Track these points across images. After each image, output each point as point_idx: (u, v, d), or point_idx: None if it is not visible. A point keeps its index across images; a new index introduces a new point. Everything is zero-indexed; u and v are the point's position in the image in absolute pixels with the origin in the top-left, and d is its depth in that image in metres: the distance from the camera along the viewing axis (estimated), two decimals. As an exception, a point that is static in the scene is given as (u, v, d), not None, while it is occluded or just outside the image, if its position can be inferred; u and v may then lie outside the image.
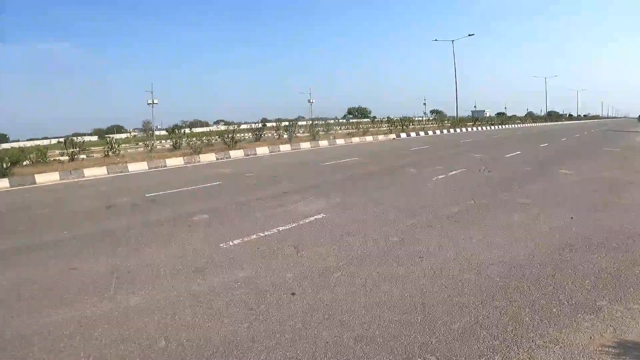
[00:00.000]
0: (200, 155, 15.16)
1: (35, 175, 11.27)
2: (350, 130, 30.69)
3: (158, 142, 28.40)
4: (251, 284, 3.29)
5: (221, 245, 4.36)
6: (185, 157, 14.56)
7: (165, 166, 13.58)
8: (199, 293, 3.17)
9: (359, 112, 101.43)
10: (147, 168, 13.13)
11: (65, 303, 3.05)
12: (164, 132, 54.52)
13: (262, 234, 4.68)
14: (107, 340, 2.50)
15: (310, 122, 43.04)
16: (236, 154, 16.12)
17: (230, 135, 18.76)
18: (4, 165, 12.49)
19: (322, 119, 51.98)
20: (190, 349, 2.37)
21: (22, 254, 4.40)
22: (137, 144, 34.07)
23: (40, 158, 15.05)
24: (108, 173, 12.29)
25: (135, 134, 77.21)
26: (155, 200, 7.26)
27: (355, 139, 22.75)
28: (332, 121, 50.53)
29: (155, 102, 39.02)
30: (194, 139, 17.90)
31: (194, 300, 3.04)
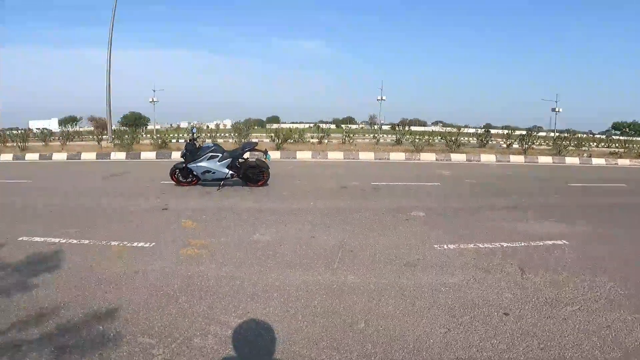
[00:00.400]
0: (420, 153, 15.52)
1: (297, 152, 14.71)
2: (616, 150, 23.46)
3: (381, 136, 30.87)
4: (460, 292, 3.16)
5: (435, 246, 4.33)
6: (406, 153, 15.28)
7: (388, 159, 14.72)
8: (405, 287, 3.25)
9: (632, 129, 75.37)
10: (373, 158, 14.65)
11: (302, 266, 3.70)
12: (385, 127, 59.03)
13: (481, 245, 4.36)
14: (321, 310, 2.85)
15: (555, 133, 35.79)
16: (457, 157, 15.49)
17: (454, 138, 18.17)
18: (279, 141, 16.94)
19: (568, 131, 41.88)
20: (384, 337, 2.47)
21: (271, 215, 5.82)
22: (363, 136, 38.41)
23: (300, 139, 19.46)
24: (344, 158, 14.54)
25: (362, 126, 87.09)
26: (378, 189, 8.00)
27: (624, 161, 17.24)
28: (583, 135, 39.99)
29: (383, 98, 42.27)
30: (417, 136, 18.45)
31: (399, 293, 3.14)
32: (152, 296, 3.01)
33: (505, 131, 29.46)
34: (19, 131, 31.31)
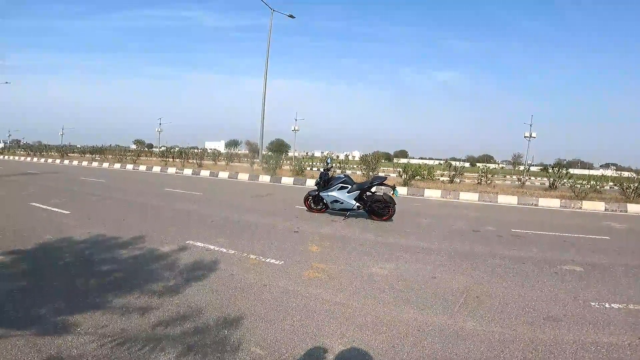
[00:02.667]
0: (583, 201, 12.81)
1: (425, 190, 14.12)
2: None
3: (527, 178, 26.90)
4: (616, 352, 2.75)
5: (592, 304, 3.74)
6: (562, 200, 12.85)
7: (535, 205, 12.68)
8: (539, 341, 2.91)
9: None
10: (515, 203, 12.84)
11: (417, 305, 3.54)
12: (534, 169, 50.88)
13: None
14: (429, 351, 2.67)
15: None
16: (637, 209, 12.24)
17: (635, 185, 14.38)
18: (407, 177, 16.64)
19: None
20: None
21: (392, 250, 5.67)
22: (504, 177, 34.15)
23: (429, 176, 18.65)
24: (478, 200, 13.22)
25: (503, 166, 77.51)
26: (520, 237, 6.98)
27: None
28: None
29: (533, 135, 36.90)
30: (582, 181, 15.29)
31: (530, 346, 2.81)
32: (273, 310, 3.29)
33: None
34: (198, 150, 40.00)
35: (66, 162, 30.09)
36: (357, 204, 8.00)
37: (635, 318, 3.44)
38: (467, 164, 66.70)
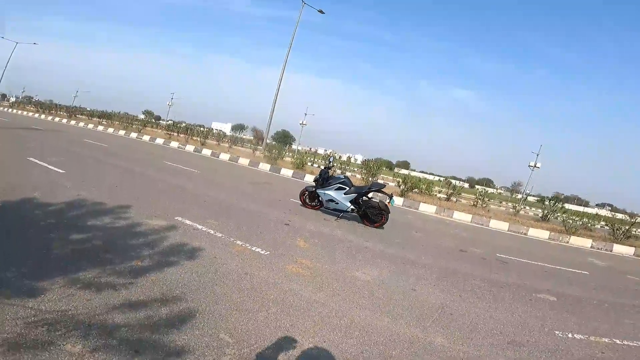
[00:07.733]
0: (571, 236, 12.94)
1: (421, 203, 14.18)
2: None
3: (522, 207, 27.02)
4: None
5: (557, 332, 3.93)
6: (552, 233, 12.97)
7: (525, 234, 12.80)
8: None
9: None
10: (506, 229, 12.96)
11: (393, 315, 3.58)
12: (531, 199, 50.93)
13: (619, 341, 4.05)
14: None
15: None
16: (622, 249, 12.50)
17: (625, 227, 14.52)
18: (405, 188, 16.69)
19: None
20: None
21: (378, 257, 5.71)
22: (500, 202, 34.23)
23: (427, 190, 18.69)
24: (471, 221, 13.32)
25: (501, 191, 77.38)
26: (504, 262, 7.09)
27: None
28: None
29: (537, 165, 36.87)
30: (574, 217, 15.43)
31: None
32: (250, 300, 3.31)
33: None
34: (204, 129, 39.98)
35: (73, 122, 30.01)
36: (352, 206, 8.04)
37: (593, 350, 3.63)
38: (466, 185, 66.83)
